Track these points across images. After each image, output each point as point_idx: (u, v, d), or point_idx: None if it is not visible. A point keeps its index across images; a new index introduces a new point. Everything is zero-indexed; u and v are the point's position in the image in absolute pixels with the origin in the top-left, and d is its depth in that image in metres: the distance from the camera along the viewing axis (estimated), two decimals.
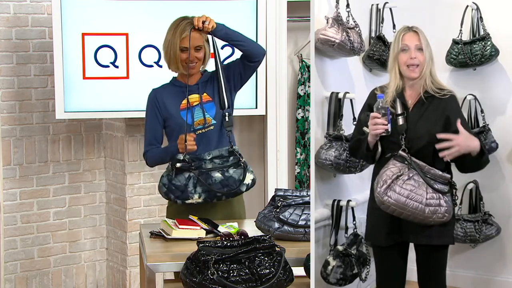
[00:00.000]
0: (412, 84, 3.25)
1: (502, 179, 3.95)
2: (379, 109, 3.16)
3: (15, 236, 4.90)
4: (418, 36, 3.22)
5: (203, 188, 3.63)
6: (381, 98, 3.18)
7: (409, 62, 3.20)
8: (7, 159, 4.80)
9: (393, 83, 3.24)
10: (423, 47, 3.21)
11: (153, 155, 3.75)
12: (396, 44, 3.23)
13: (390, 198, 3.11)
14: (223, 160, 3.67)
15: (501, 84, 3.94)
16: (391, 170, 3.14)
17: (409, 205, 3.10)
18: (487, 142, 3.87)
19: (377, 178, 3.16)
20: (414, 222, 3.14)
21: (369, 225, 3.36)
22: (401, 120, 3.20)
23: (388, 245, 3.27)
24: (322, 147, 3.68)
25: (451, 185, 3.20)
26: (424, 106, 3.22)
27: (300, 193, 3.52)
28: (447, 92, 3.24)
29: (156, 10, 4.60)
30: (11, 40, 4.78)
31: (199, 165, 3.63)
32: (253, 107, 4.85)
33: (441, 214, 3.13)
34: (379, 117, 3.16)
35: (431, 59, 3.22)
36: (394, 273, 3.31)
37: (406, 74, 3.22)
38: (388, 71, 3.33)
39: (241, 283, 2.95)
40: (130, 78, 4.65)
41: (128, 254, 4.97)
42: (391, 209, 3.13)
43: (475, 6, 3.92)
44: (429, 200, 3.11)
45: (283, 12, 4.86)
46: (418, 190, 3.11)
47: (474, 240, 3.88)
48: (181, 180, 3.64)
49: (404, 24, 3.30)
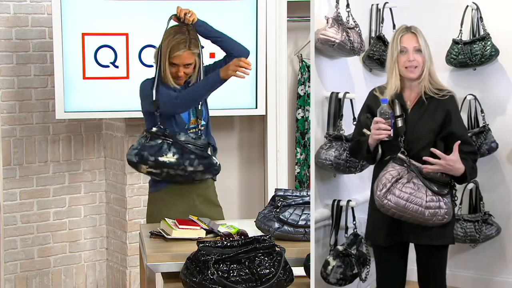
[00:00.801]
0: (411, 85, 3.24)
1: (502, 179, 3.95)
2: (382, 114, 3.16)
3: (15, 236, 4.90)
4: (416, 38, 3.21)
5: (177, 150, 3.65)
6: (385, 102, 3.17)
7: (407, 64, 3.19)
8: (7, 159, 4.80)
9: (392, 84, 3.23)
10: (422, 48, 3.20)
11: (191, 91, 3.67)
12: (394, 46, 3.22)
13: (389, 201, 3.11)
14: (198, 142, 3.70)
15: (501, 84, 3.94)
16: (390, 173, 3.14)
17: (409, 208, 3.10)
18: (487, 142, 3.87)
19: (377, 182, 3.15)
20: (415, 223, 3.15)
21: (370, 225, 3.36)
22: (400, 122, 3.19)
23: (388, 245, 3.27)
24: (322, 147, 3.68)
25: (450, 186, 3.19)
26: (423, 107, 3.22)
27: (300, 193, 3.52)
28: (446, 93, 3.23)
29: (156, 10, 4.59)
30: (11, 40, 4.78)
31: (174, 135, 3.67)
32: (253, 107, 4.85)
33: (441, 216, 3.13)
34: (383, 122, 3.15)
35: (430, 60, 3.22)
36: (394, 273, 3.31)
37: (405, 75, 3.22)
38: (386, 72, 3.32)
39: (241, 283, 2.95)
40: (130, 78, 4.65)
41: (128, 254, 4.97)
42: (391, 212, 3.13)
43: (475, 6, 3.92)
44: (428, 202, 3.11)
45: (283, 12, 4.86)
46: (418, 193, 3.11)
47: (474, 240, 3.87)
48: (156, 141, 3.66)
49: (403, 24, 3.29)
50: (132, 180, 4.93)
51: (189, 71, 3.72)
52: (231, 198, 5.17)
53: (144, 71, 4.64)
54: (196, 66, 3.74)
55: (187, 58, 3.68)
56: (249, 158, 5.29)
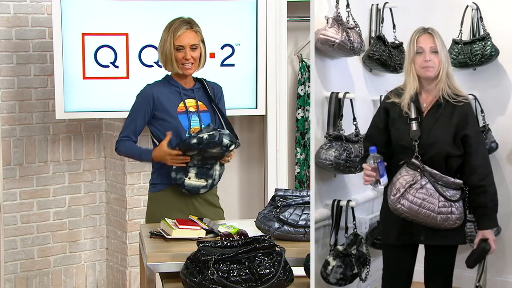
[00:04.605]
0: (429, 87, 3.23)
1: (502, 179, 3.94)
2: (369, 162, 3.19)
3: (15, 236, 4.90)
4: (433, 38, 3.21)
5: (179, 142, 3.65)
6: (373, 152, 3.19)
7: (424, 64, 3.19)
8: (7, 159, 4.80)
9: (411, 85, 3.22)
10: (438, 49, 3.20)
11: (128, 148, 3.75)
12: (411, 47, 3.23)
13: (403, 206, 3.13)
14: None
15: (501, 84, 3.94)
16: (404, 178, 3.15)
17: (421, 213, 3.13)
18: (487, 142, 3.87)
19: (390, 186, 3.18)
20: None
21: (382, 223, 3.38)
22: (414, 125, 3.19)
23: (399, 245, 3.28)
24: (322, 147, 3.68)
25: (462, 190, 3.20)
26: (438, 111, 3.21)
27: (300, 193, 3.52)
28: (463, 99, 3.22)
29: (156, 10, 4.60)
30: (11, 40, 4.78)
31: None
32: (253, 107, 4.85)
33: (452, 221, 3.16)
34: (369, 169, 3.18)
35: (447, 61, 3.22)
36: (402, 273, 3.33)
37: (422, 74, 3.21)
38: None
39: (241, 283, 2.95)
40: (130, 78, 4.65)
41: (128, 254, 4.97)
42: (404, 216, 3.17)
43: (475, 6, 3.92)
44: (440, 208, 3.14)
45: (283, 12, 4.86)
46: (431, 198, 3.13)
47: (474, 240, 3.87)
48: None
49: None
50: (132, 180, 4.93)
51: (196, 56, 3.69)
52: (231, 198, 5.17)
53: (144, 71, 4.64)
54: (202, 54, 3.73)
55: (192, 38, 3.67)
56: (249, 158, 5.29)
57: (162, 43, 3.70)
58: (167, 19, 3.76)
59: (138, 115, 3.73)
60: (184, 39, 3.65)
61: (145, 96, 3.73)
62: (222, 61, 4.76)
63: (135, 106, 3.75)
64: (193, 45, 3.67)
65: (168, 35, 3.66)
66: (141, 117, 3.72)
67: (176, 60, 3.67)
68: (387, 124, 3.29)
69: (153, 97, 3.71)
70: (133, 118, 3.75)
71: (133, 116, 3.75)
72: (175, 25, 3.67)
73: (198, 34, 3.69)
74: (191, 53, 3.67)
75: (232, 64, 4.78)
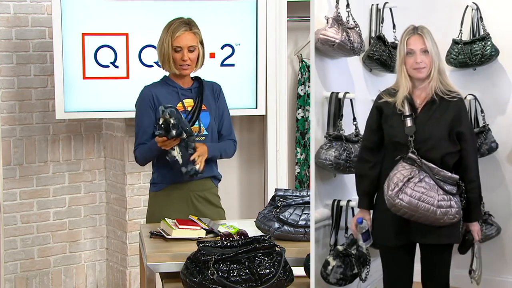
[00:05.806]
0: (421, 85, 3.25)
1: (502, 179, 3.95)
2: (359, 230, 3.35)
3: (15, 236, 4.90)
4: (422, 39, 3.22)
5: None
6: (360, 222, 3.33)
7: (415, 66, 3.21)
8: (7, 159, 4.80)
9: (404, 86, 3.23)
10: (429, 49, 3.21)
11: (142, 152, 3.72)
12: (402, 48, 3.24)
13: (402, 201, 3.11)
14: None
15: (501, 84, 3.94)
16: (401, 173, 3.14)
17: (420, 207, 3.11)
18: (487, 142, 3.87)
19: (388, 181, 3.16)
20: (424, 223, 3.16)
21: (377, 225, 3.36)
22: (409, 122, 3.20)
23: (396, 246, 3.28)
24: (322, 147, 3.68)
25: (458, 186, 3.21)
26: (433, 107, 3.22)
27: (300, 193, 3.52)
28: (456, 95, 3.24)
29: (156, 10, 4.60)
30: (11, 40, 4.78)
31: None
32: (253, 107, 4.85)
33: (452, 215, 3.15)
34: (355, 231, 3.37)
35: (438, 58, 3.23)
36: (402, 274, 3.32)
37: (413, 75, 3.23)
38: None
39: (241, 283, 2.95)
40: (130, 78, 4.65)
41: (128, 254, 4.97)
42: (402, 212, 3.14)
43: (475, 6, 3.92)
44: (440, 202, 3.13)
45: (283, 12, 4.86)
46: (430, 192, 3.12)
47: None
48: None
49: (405, 24, 3.29)
50: (132, 180, 4.93)
51: (193, 57, 3.68)
52: (231, 198, 5.17)
53: (144, 71, 4.64)
54: (200, 55, 3.73)
55: (190, 39, 3.66)
56: (249, 158, 5.29)
57: (160, 43, 3.70)
58: (167, 19, 3.76)
59: (145, 119, 3.71)
60: (182, 41, 3.65)
61: (145, 98, 3.73)
62: (222, 61, 4.76)
63: (139, 111, 3.75)
64: (191, 47, 3.67)
65: (167, 35, 3.66)
66: (149, 119, 3.70)
67: (173, 61, 3.67)
68: (380, 123, 3.30)
69: (153, 96, 3.71)
70: (142, 123, 3.72)
71: (141, 121, 3.73)
72: (174, 26, 3.66)
73: (196, 35, 3.69)
74: (189, 54, 3.67)
75: (232, 64, 4.78)
